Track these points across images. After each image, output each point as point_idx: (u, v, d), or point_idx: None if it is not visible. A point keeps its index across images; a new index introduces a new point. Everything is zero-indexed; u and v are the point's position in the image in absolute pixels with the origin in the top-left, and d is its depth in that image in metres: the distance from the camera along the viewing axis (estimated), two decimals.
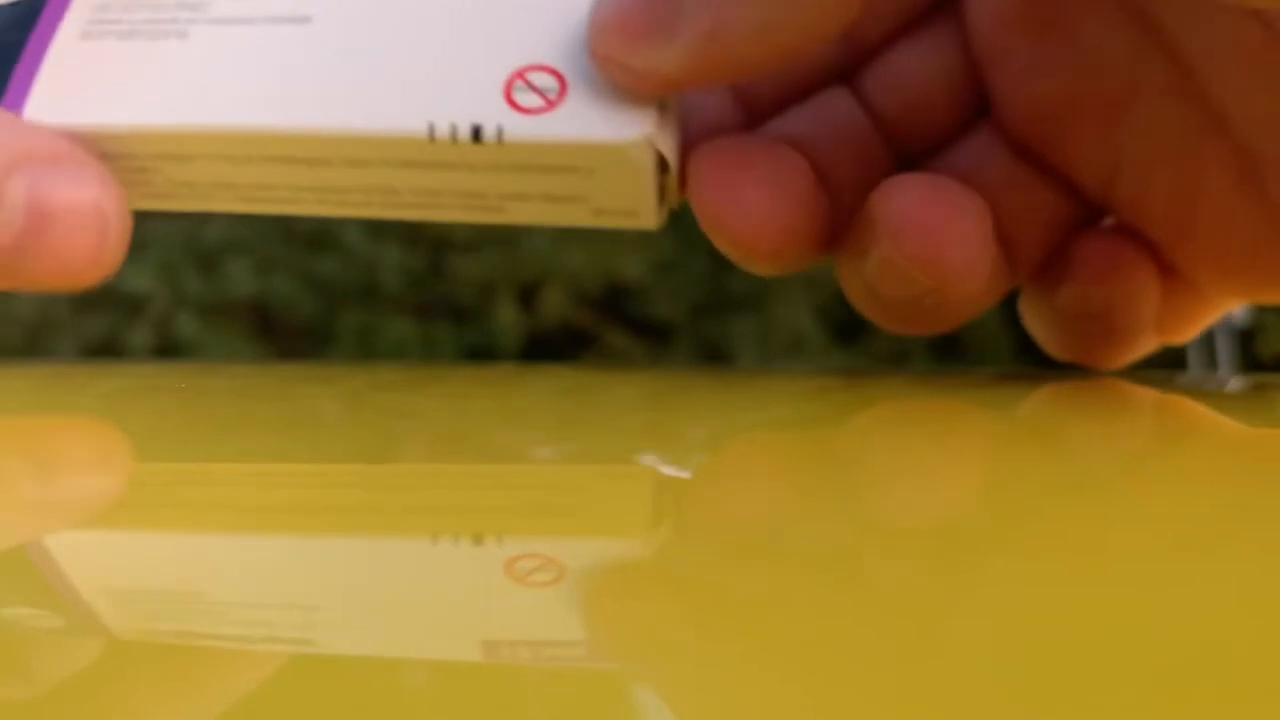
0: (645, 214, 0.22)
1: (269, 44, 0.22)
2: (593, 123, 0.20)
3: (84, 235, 0.20)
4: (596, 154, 0.20)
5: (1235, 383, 0.28)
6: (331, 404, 0.23)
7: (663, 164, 0.21)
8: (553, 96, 0.20)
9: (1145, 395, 0.23)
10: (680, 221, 0.24)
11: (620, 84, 0.20)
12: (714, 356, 1.25)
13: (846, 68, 0.24)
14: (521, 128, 0.20)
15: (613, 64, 0.20)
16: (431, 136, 0.20)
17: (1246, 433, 0.18)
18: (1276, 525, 0.11)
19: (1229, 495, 0.13)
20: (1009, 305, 0.27)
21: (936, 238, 0.20)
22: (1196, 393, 0.25)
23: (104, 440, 0.19)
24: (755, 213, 0.21)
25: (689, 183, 0.22)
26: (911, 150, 0.24)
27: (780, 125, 0.24)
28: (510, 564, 0.11)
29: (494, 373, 0.30)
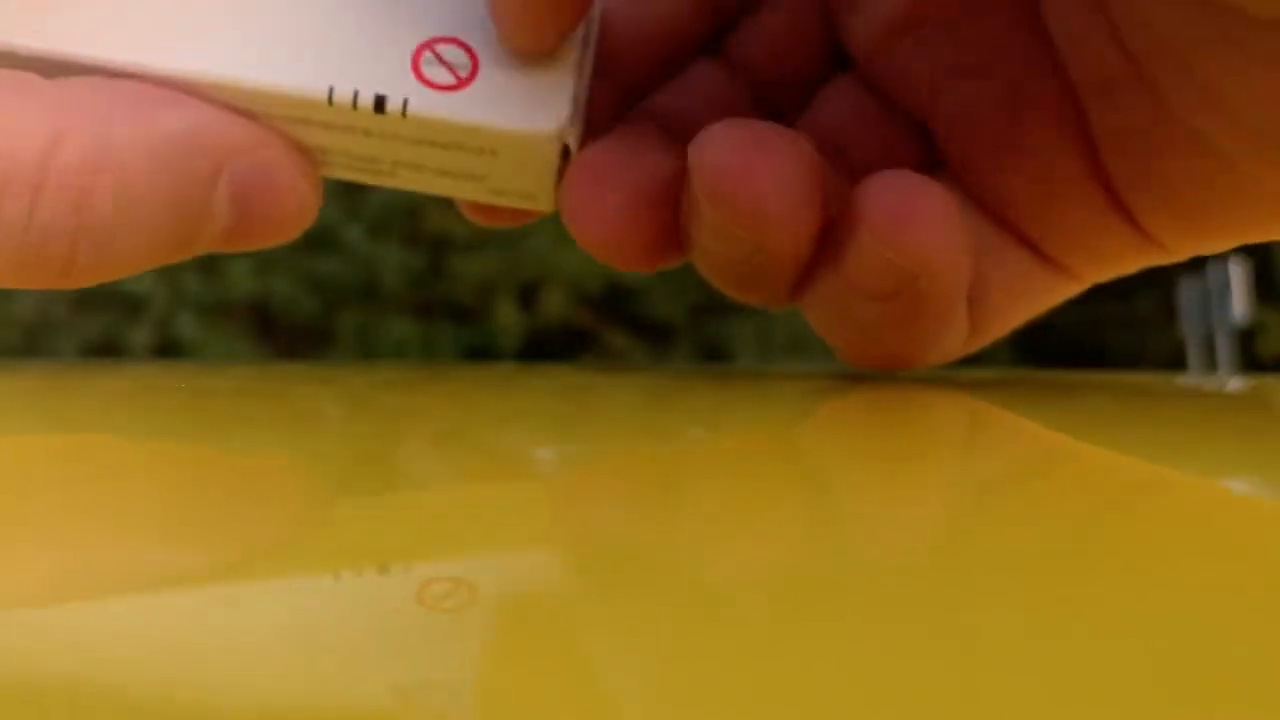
0: (543, 198, 0.21)
1: None
2: (504, 109, 0.19)
3: (284, 213, 0.20)
4: (504, 140, 0.20)
5: (1235, 383, 0.28)
6: (331, 404, 0.23)
7: (565, 152, 0.20)
8: (463, 74, 0.20)
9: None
10: None
11: (514, 47, 0.20)
12: (714, 356, 1.25)
13: (712, 39, 0.24)
14: (428, 104, 0.19)
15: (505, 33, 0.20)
16: (330, 100, 0.20)
17: (1062, 442, 0.18)
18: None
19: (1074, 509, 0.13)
20: None
21: (746, 182, 0.19)
22: (1196, 393, 0.25)
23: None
24: (611, 220, 0.21)
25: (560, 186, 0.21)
26: (782, 112, 0.24)
27: (652, 103, 0.23)
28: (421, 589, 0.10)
29: (494, 373, 0.30)
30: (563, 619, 0.09)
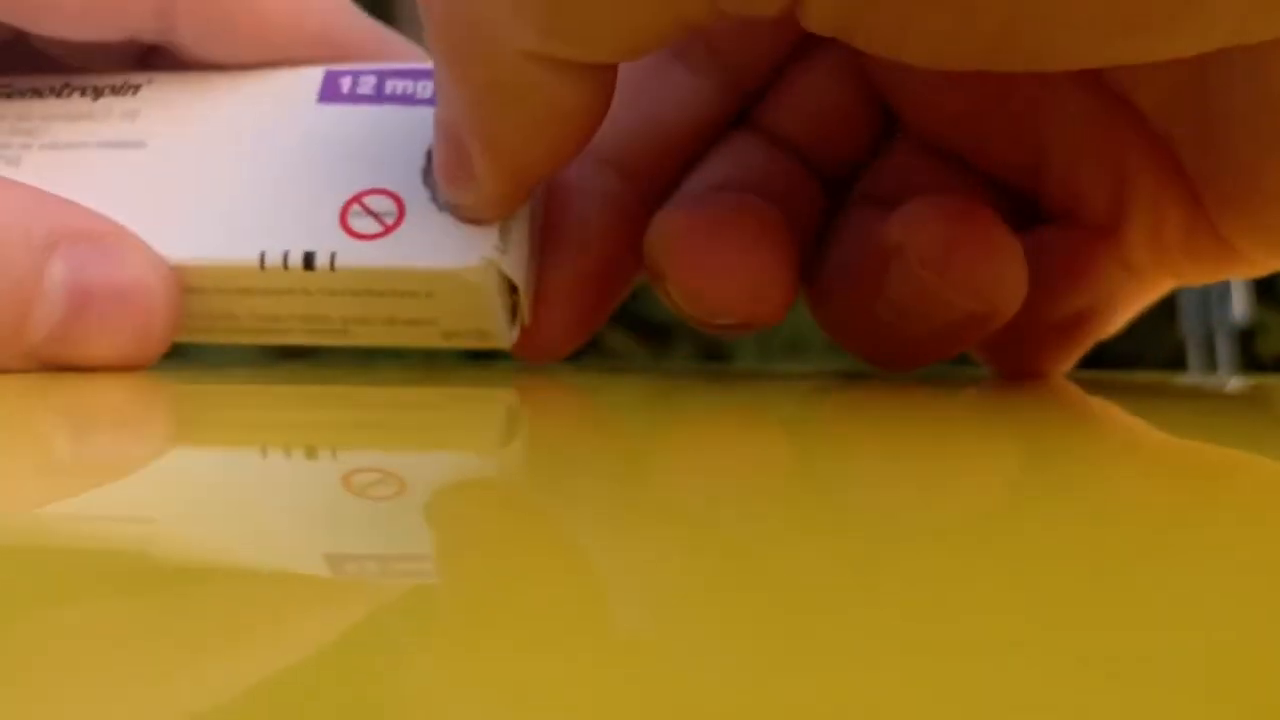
0: (497, 335, 0.21)
1: (102, 169, 0.21)
2: (428, 248, 0.20)
3: (129, 316, 0.20)
4: (435, 279, 0.20)
5: (1235, 383, 0.28)
6: (332, 404, 0.23)
7: (511, 284, 0.21)
8: (390, 221, 0.20)
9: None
10: None
11: (460, 217, 0.20)
12: (714, 356, 1.25)
13: (734, 112, 0.24)
14: (354, 254, 0.20)
15: (450, 205, 0.20)
16: (262, 264, 0.20)
17: (1156, 437, 0.18)
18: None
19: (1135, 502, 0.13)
20: None
21: (980, 262, 0.20)
22: (1196, 393, 0.25)
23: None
24: (736, 279, 0.21)
25: (661, 260, 0.21)
26: (833, 175, 0.24)
27: (701, 181, 0.23)
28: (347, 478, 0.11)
29: (494, 373, 0.30)
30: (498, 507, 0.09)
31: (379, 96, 0.21)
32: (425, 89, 0.22)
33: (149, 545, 0.09)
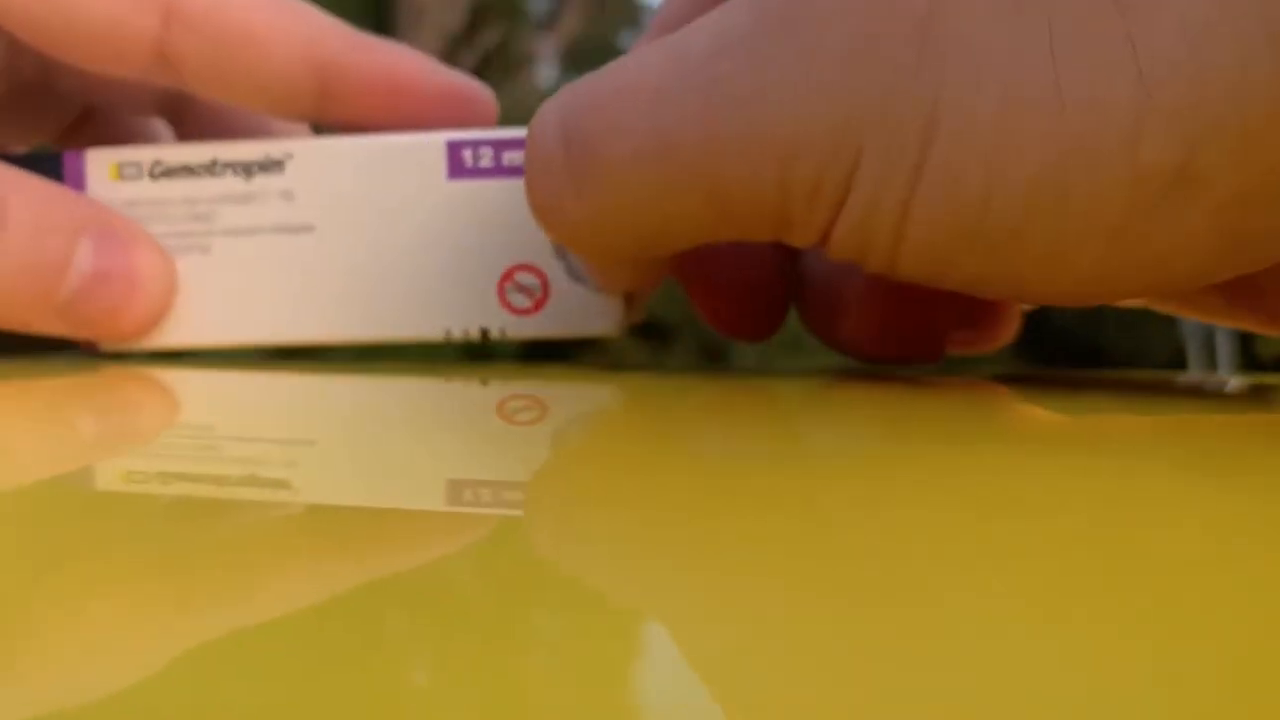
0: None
1: (284, 254, 0.25)
2: (574, 319, 0.24)
3: (136, 295, 0.25)
4: (585, 336, 0.25)
5: (1235, 383, 0.28)
6: (331, 403, 0.23)
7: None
8: (538, 295, 0.24)
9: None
10: None
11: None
12: (714, 356, 1.25)
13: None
14: (518, 328, 0.24)
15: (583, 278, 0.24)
16: (448, 338, 0.24)
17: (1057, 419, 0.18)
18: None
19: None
20: None
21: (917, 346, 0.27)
22: (1196, 393, 0.25)
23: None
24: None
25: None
26: None
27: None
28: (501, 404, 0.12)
29: (494, 373, 0.30)
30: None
31: (498, 170, 0.25)
32: None
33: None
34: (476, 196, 0.24)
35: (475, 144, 0.25)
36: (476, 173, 0.24)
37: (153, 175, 0.25)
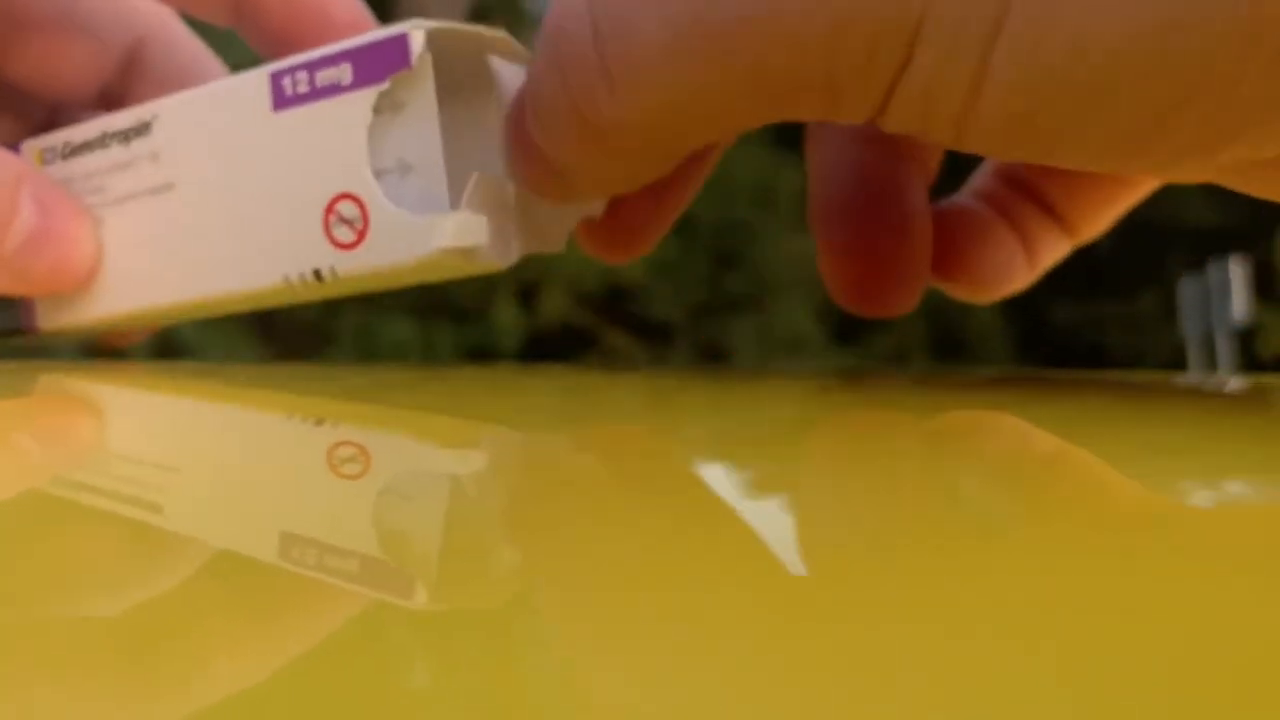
0: (489, 264, 0.24)
1: (154, 216, 0.25)
2: (398, 249, 0.22)
3: (74, 253, 0.25)
4: (415, 265, 0.22)
5: (1235, 383, 0.28)
6: (331, 403, 0.23)
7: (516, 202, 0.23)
8: (359, 226, 0.22)
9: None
10: (680, 222, 0.24)
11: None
12: (714, 356, 1.25)
13: None
14: (348, 263, 0.23)
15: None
16: (287, 283, 0.23)
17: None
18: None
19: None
20: (1009, 305, 0.27)
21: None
22: (1196, 392, 0.25)
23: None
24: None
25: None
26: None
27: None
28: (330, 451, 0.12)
29: (494, 373, 0.30)
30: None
31: (314, 93, 0.23)
32: (346, 73, 0.23)
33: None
34: (298, 125, 0.23)
35: (293, 70, 0.23)
36: (296, 100, 0.23)
37: (64, 156, 0.26)
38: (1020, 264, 0.26)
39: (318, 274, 0.23)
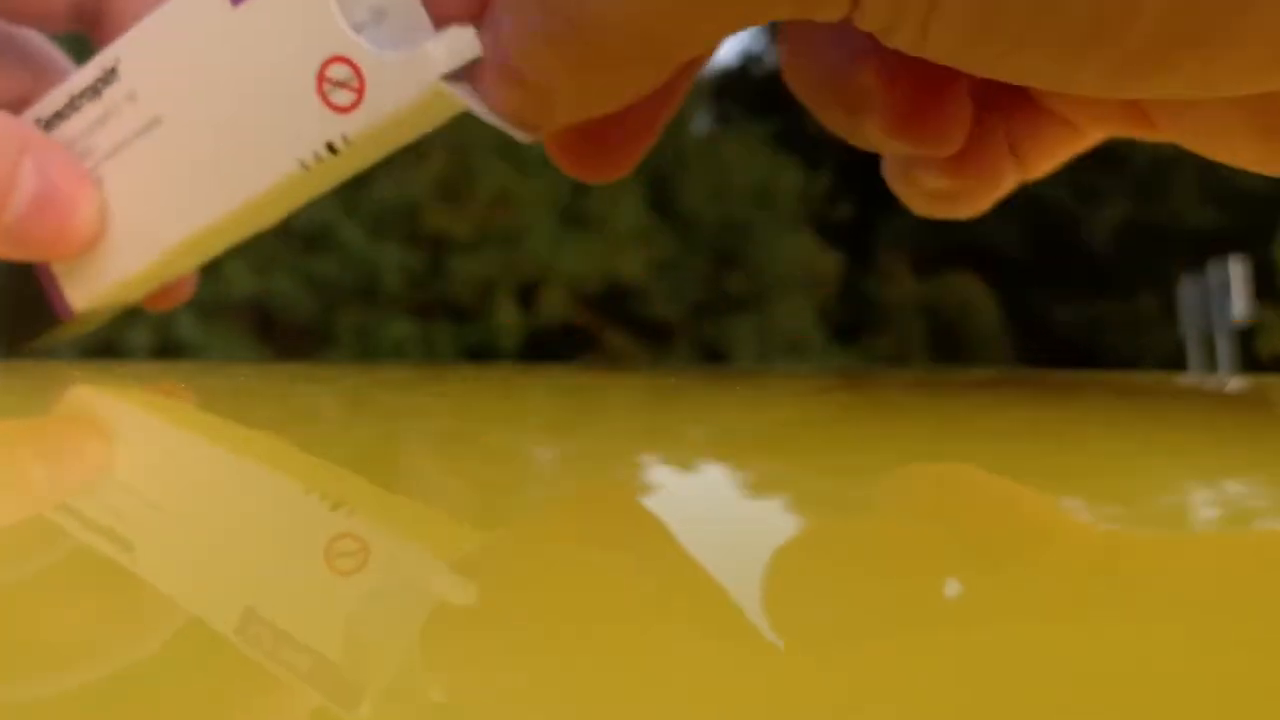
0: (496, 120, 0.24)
1: (153, 155, 0.25)
2: (400, 93, 0.22)
3: (75, 215, 0.25)
4: (417, 107, 0.23)
5: (1235, 383, 0.28)
6: (331, 404, 0.23)
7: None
8: (355, 84, 0.22)
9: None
10: (680, 221, 0.24)
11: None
12: (714, 356, 1.25)
13: None
14: (354, 124, 0.23)
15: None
16: (304, 169, 0.23)
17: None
18: None
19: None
20: (1009, 306, 0.27)
21: (931, 126, 0.23)
22: (1196, 392, 0.25)
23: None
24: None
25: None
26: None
27: None
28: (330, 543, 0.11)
29: (494, 373, 0.30)
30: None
31: None
32: None
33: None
34: (262, 11, 0.23)
35: None
36: None
37: (44, 129, 0.26)
38: (988, 186, 0.26)
39: (330, 147, 0.23)
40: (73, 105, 0.25)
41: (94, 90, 0.25)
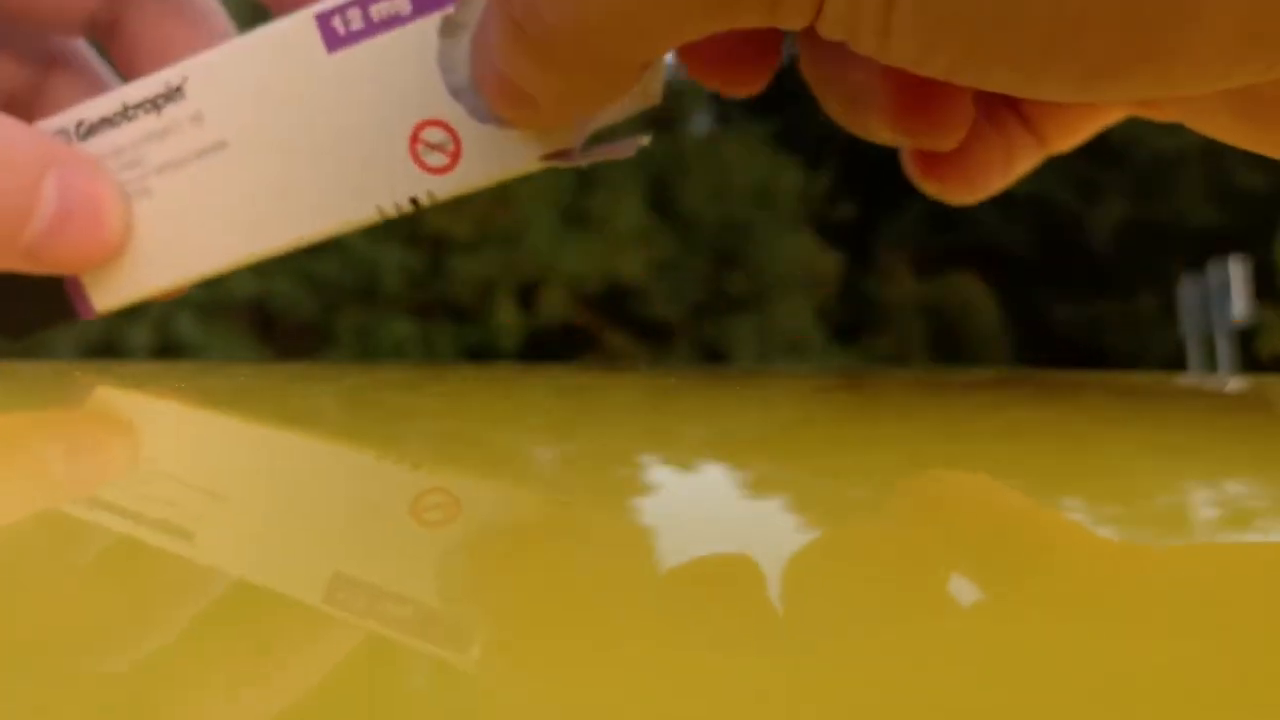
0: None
1: (211, 176, 0.25)
2: (494, 163, 0.23)
3: (99, 231, 0.25)
4: (510, 177, 0.24)
5: (1235, 383, 0.28)
6: (331, 403, 0.23)
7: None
8: (450, 148, 0.23)
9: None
10: (680, 222, 0.24)
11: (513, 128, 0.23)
12: (714, 356, 1.25)
13: None
14: (443, 187, 0.24)
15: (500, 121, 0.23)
16: (381, 215, 0.24)
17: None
18: None
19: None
20: (1010, 306, 0.27)
21: (926, 125, 0.23)
22: (1196, 392, 0.25)
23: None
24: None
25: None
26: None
27: None
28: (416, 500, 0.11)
29: (494, 373, 0.30)
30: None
31: (371, 28, 0.24)
32: (404, 4, 0.23)
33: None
34: (361, 62, 0.24)
35: (342, 9, 0.24)
36: (352, 38, 0.24)
37: (80, 136, 0.26)
38: (1000, 167, 0.26)
39: (414, 201, 0.24)
40: (126, 114, 0.25)
41: (154, 104, 0.25)
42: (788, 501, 0.13)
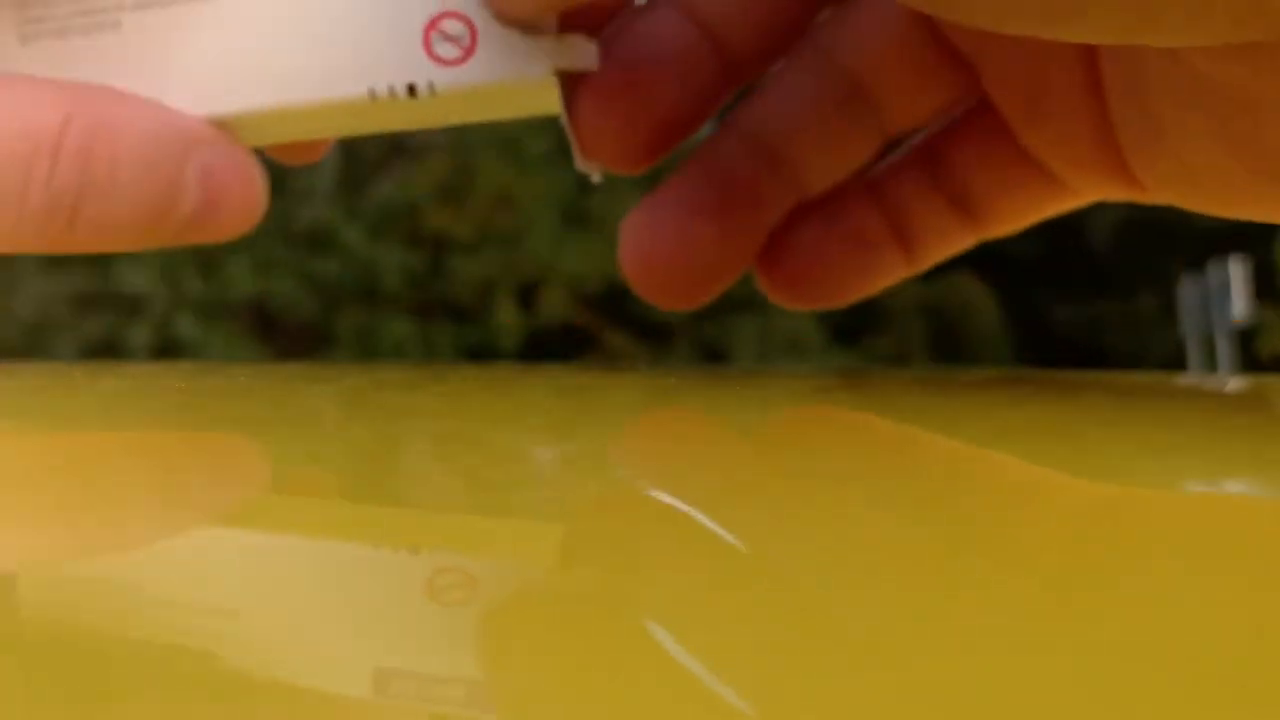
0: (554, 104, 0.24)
1: (193, 25, 0.24)
2: (504, 66, 0.22)
3: (242, 197, 0.25)
4: (516, 88, 0.23)
5: (1235, 383, 0.28)
6: (331, 404, 0.23)
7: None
8: (466, 43, 0.22)
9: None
10: None
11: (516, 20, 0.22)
12: (714, 356, 1.25)
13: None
14: (449, 79, 0.22)
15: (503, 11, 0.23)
16: (373, 98, 0.23)
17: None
18: None
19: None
20: (1010, 306, 0.27)
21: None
22: (1196, 393, 0.25)
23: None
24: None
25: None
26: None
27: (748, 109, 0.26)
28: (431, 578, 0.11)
29: (494, 373, 0.30)
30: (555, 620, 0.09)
31: None
32: None
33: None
34: None
35: None
36: None
37: None
38: (880, 270, 0.25)
39: (411, 89, 0.22)
40: None
41: None
42: (787, 502, 0.13)
